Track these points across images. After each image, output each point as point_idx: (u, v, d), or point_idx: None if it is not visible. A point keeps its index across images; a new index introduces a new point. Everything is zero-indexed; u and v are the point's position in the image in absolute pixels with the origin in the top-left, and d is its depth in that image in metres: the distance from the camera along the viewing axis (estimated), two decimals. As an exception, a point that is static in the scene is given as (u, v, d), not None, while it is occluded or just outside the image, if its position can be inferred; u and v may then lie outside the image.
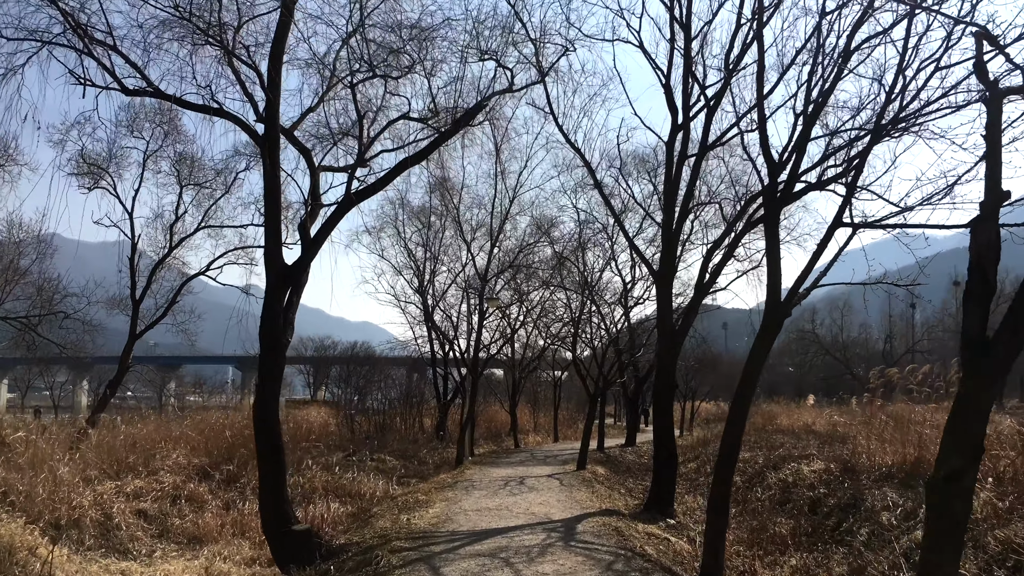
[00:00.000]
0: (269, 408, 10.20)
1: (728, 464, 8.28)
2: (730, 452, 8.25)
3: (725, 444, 8.28)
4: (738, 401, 8.31)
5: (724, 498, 8.19)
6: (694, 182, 14.40)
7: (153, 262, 22.88)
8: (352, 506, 16.11)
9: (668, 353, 13.97)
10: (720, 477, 8.29)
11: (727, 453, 8.27)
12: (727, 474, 8.30)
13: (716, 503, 8.14)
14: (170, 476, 15.86)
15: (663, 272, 14.30)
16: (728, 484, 8.33)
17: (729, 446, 8.22)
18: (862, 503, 12.96)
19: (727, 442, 8.25)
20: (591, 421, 22.74)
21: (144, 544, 12.62)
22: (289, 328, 10.82)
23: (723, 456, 8.30)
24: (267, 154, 10.27)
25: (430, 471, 22.39)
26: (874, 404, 16.11)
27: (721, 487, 8.21)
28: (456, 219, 26.31)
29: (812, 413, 35.77)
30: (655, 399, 14.54)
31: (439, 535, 10.46)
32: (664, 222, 14.35)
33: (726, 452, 8.28)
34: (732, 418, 8.36)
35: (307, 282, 11.56)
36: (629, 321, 30.87)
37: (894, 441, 15.04)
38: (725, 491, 8.21)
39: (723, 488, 8.20)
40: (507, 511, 12.74)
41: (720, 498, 8.15)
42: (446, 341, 30.34)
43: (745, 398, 8.31)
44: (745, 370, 8.26)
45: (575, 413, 45.64)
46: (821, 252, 7.92)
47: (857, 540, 11.52)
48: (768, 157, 8.11)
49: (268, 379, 10.20)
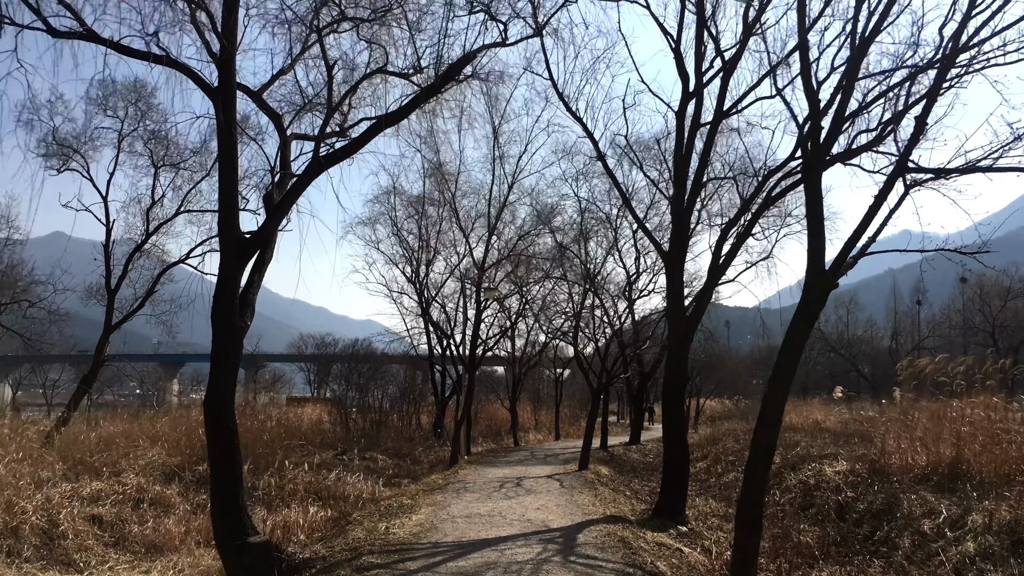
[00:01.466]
0: (223, 404, 8.84)
1: (761, 472, 6.89)
2: (763, 457, 6.86)
3: (758, 448, 6.88)
4: (773, 396, 6.88)
5: (756, 512, 6.78)
6: (708, 153, 13.02)
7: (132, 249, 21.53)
8: (334, 510, 14.79)
9: (680, 342, 12.59)
10: (752, 488, 6.87)
11: (760, 459, 6.87)
12: (759, 484, 6.89)
13: (747, 519, 6.73)
14: (135, 477, 14.52)
15: (674, 252, 12.90)
16: (761, 495, 6.93)
17: (762, 450, 6.83)
18: (897, 508, 11.60)
19: (760, 445, 6.85)
20: (594, 418, 21.37)
21: (95, 554, 11.27)
22: (248, 310, 9.47)
23: (755, 462, 6.90)
24: (221, 109, 8.91)
25: (423, 471, 21.09)
26: (904, 399, 14.68)
27: (753, 499, 6.79)
28: (453, 207, 24.93)
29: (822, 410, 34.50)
30: (665, 392, 13.17)
31: (419, 548, 9.10)
32: (674, 197, 12.97)
33: (759, 457, 6.88)
34: (765, 417, 6.94)
35: (271, 259, 10.22)
36: (633, 315, 29.60)
37: (927, 439, 13.68)
38: (757, 503, 6.80)
39: (755, 499, 6.79)
40: (500, 518, 11.38)
41: (752, 512, 6.74)
42: (443, 336, 28.99)
43: (781, 391, 6.90)
44: (780, 358, 6.85)
45: (577, 410, 44.35)
46: (877, 209, 6.55)
47: (897, 552, 10.16)
48: (811, 95, 6.73)
49: (221, 369, 8.84)
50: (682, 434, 12.89)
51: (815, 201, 6.65)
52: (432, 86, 9.88)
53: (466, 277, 26.41)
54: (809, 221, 6.70)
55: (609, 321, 25.72)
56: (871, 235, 6.79)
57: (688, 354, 13.36)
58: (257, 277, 9.88)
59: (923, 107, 6.39)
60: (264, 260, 10.06)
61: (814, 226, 6.62)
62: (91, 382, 21.19)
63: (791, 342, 6.74)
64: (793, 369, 6.90)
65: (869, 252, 6.93)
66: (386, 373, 34.04)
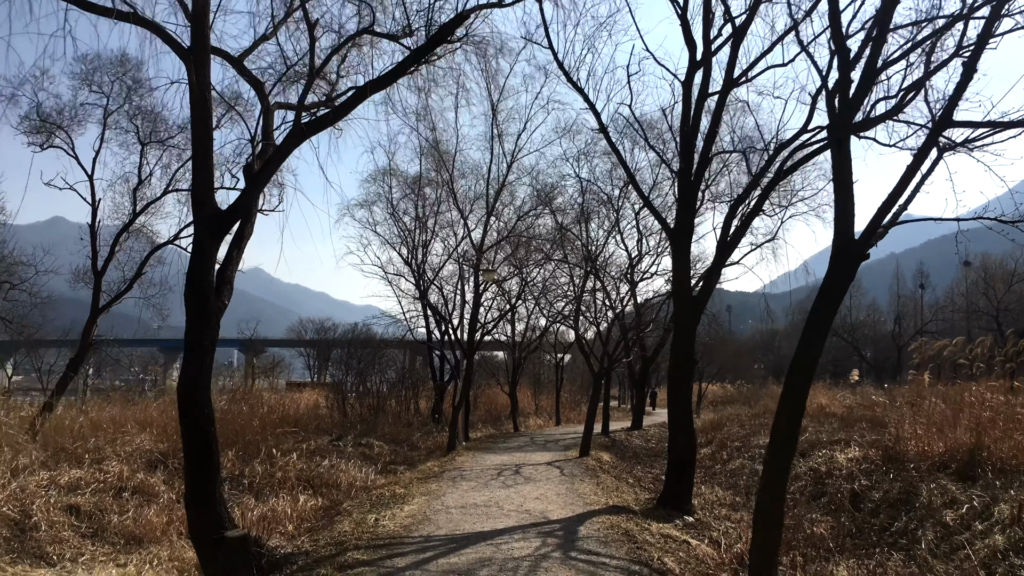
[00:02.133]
0: (198, 388, 8.21)
1: (782, 464, 6.23)
2: (784, 448, 6.20)
3: (779, 437, 6.22)
4: (796, 379, 6.20)
5: (776, 509, 6.13)
6: (716, 124, 12.30)
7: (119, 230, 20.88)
8: (325, 498, 14.23)
9: (687, 323, 11.94)
10: (771, 481, 6.22)
11: (780, 449, 6.21)
12: (780, 477, 6.23)
13: (766, 515, 6.09)
14: (117, 465, 13.93)
15: (680, 228, 12.22)
16: (782, 490, 6.27)
17: (784, 439, 6.18)
18: (916, 498, 11.01)
19: (781, 434, 6.19)
20: (595, 403, 20.79)
21: (70, 546, 10.66)
22: (226, 288, 8.83)
23: (775, 453, 6.24)
24: (194, 71, 8.24)
25: (421, 457, 20.54)
26: (920, 382, 14.06)
27: (773, 493, 6.14)
28: (450, 187, 24.21)
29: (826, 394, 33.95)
30: (671, 376, 12.56)
31: (409, 542, 8.51)
32: (681, 170, 12.28)
33: (779, 447, 6.21)
34: (788, 402, 6.26)
35: (252, 234, 9.57)
36: (635, 298, 28.97)
37: (945, 425, 13.08)
38: (778, 499, 6.15)
39: (775, 494, 6.14)
40: (497, 508, 10.79)
41: (771, 509, 6.10)
42: (441, 320, 28.35)
43: (804, 374, 6.24)
44: (805, 336, 6.18)
45: (578, 395, 43.86)
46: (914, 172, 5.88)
47: (919, 546, 9.57)
48: (840, 43, 6.04)
49: (195, 353, 8.21)
50: (689, 420, 12.27)
51: (843, 165, 5.99)
52: (422, 48, 9.20)
53: (464, 259, 25.77)
54: (836, 188, 6.03)
55: (611, 304, 25.07)
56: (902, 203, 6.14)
57: (695, 336, 12.73)
58: (236, 253, 9.25)
59: (972, 52, 5.71)
60: (243, 235, 9.43)
61: (842, 193, 5.96)
62: (78, 367, 20.61)
63: (817, 320, 6.09)
64: (819, 350, 6.26)
65: (901, 221, 6.28)
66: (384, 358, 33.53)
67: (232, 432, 17.38)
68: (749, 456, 17.48)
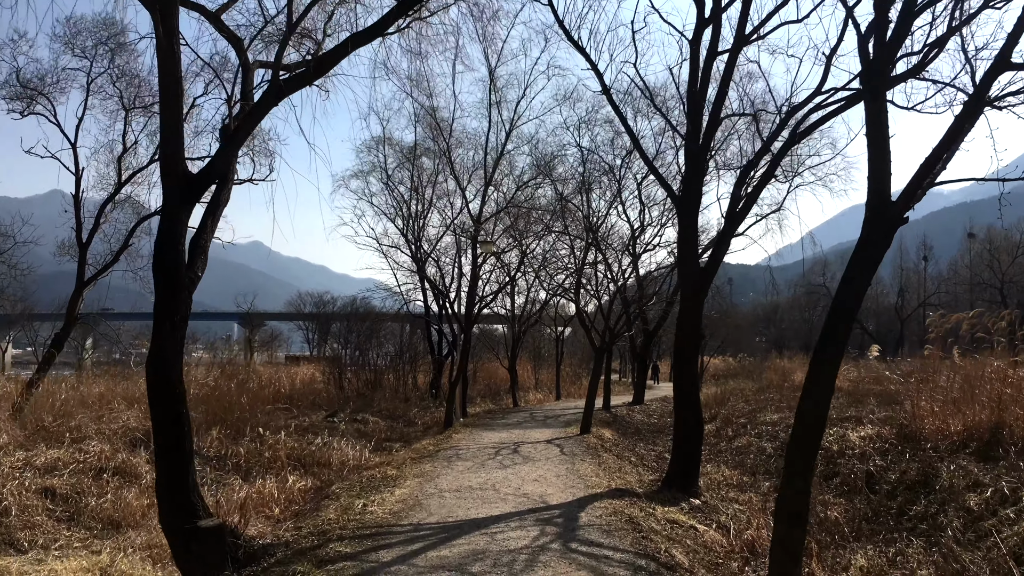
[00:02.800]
0: (168, 366, 7.57)
1: (807, 452, 5.55)
2: (810, 435, 5.51)
3: (804, 423, 5.53)
4: (825, 355, 5.48)
5: (800, 502, 5.46)
6: (726, 85, 11.53)
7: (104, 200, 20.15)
8: (316, 479, 13.72)
9: (694, 295, 11.28)
10: (795, 471, 5.54)
11: (806, 436, 5.51)
12: (805, 467, 5.56)
13: (789, 508, 5.43)
14: (99, 444, 13.37)
15: (687, 195, 11.52)
16: (807, 481, 5.58)
17: (810, 425, 5.49)
18: (935, 480, 10.42)
19: (807, 419, 5.50)
20: (596, 378, 20.20)
21: (43, 532, 10.16)
22: (199, 259, 8.17)
23: (800, 439, 5.54)
24: (160, 19, 7.50)
25: (417, 433, 20.05)
26: (936, 356, 13.42)
27: (797, 485, 5.48)
28: (448, 157, 23.41)
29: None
30: (677, 350, 11.92)
31: (397, 531, 7.92)
32: (688, 134, 11.54)
33: (805, 434, 5.52)
34: (816, 382, 5.55)
35: (228, 200, 8.89)
36: (637, 271, 28.31)
37: (963, 402, 12.47)
38: (802, 492, 5.48)
39: (799, 486, 5.47)
40: (493, 491, 10.21)
41: (795, 501, 5.44)
42: (439, 294, 27.71)
43: (836, 350, 5.55)
44: (836, 308, 5.47)
45: (578, 368, 43.35)
46: (963, 125, 5.17)
47: (941, 532, 8.99)
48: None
49: (165, 326, 7.56)
50: (696, 398, 11.65)
51: (878, 118, 5.30)
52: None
53: (463, 231, 25.06)
54: (871, 144, 5.34)
55: (612, 277, 24.40)
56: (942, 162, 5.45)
57: (702, 309, 12.07)
58: (211, 221, 8.57)
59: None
60: (219, 200, 8.74)
61: (877, 150, 5.27)
62: (62, 342, 19.98)
63: (849, 291, 5.41)
64: (851, 324, 5.59)
65: (941, 182, 5.60)
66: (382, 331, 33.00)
67: (221, 409, 16.85)
68: (756, 433, 16.91)
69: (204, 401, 17.15)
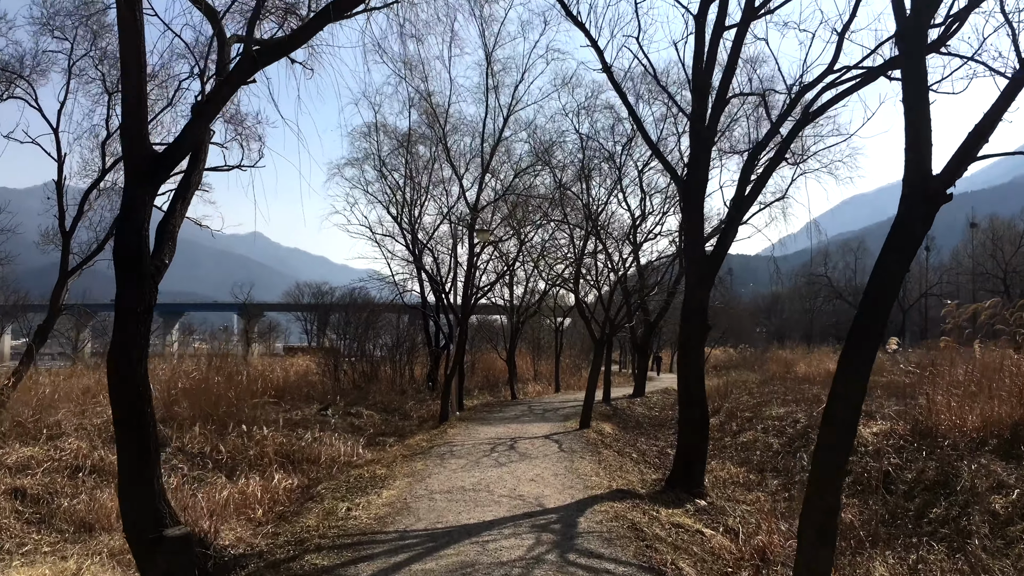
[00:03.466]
0: (130, 361, 6.94)
1: (837, 461, 4.88)
2: (840, 442, 4.80)
3: (834, 428, 4.82)
4: (858, 351, 4.74)
5: (829, 518, 4.78)
6: (734, 61, 10.87)
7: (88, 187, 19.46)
8: (305, 476, 13.11)
9: (700, 284, 10.65)
10: (823, 483, 4.85)
11: (836, 443, 4.80)
12: (833, 479, 4.88)
13: (816, 525, 4.76)
14: (76, 441, 12.78)
15: (693, 178, 10.88)
16: (837, 495, 4.90)
17: (841, 431, 4.80)
18: (956, 480, 9.82)
19: (837, 424, 4.79)
20: (596, 371, 19.58)
21: (12, 536, 9.57)
22: (166, 245, 7.54)
23: (828, 447, 4.83)
24: (118, -16, 6.85)
25: (412, 427, 19.43)
26: (952, 348, 12.81)
27: (825, 500, 4.80)
28: (444, 144, 22.75)
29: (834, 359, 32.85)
30: (682, 343, 11.30)
31: (381, 540, 7.32)
32: (694, 113, 10.89)
33: (834, 442, 4.79)
34: (847, 380, 4.81)
35: (200, 181, 8.26)
36: (638, 260, 27.69)
37: (981, 396, 11.88)
38: (832, 508, 4.79)
39: (828, 501, 4.79)
40: (487, 493, 9.61)
41: (823, 517, 4.76)
42: (436, 284, 27.07)
43: (870, 344, 4.86)
44: (870, 297, 4.79)
45: (578, 360, 42.75)
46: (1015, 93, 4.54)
47: (965, 538, 8.40)
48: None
49: (127, 319, 6.94)
50: (701, 393, 11.02)
51: (917, 79, 4.67)
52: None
53: (460, 221, 24.43)
54: (909, 111, 4.70)
55: (613, 267, 23.76)
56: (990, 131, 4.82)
57: (709, 298, 11.45)
58: (180, 205, 7.95)
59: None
60: (190, 182, 8.13)
61: (916, 116, 4.64)
62: (46, 333, 19.36)
63: (885, 277, 4.76)
64: (887, 313, 4.95)
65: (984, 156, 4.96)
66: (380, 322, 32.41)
67: (207, 403, 16.25)
68: (762, 428, 16.32)
69: (189, 395, 16.55)
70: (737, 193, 11.39)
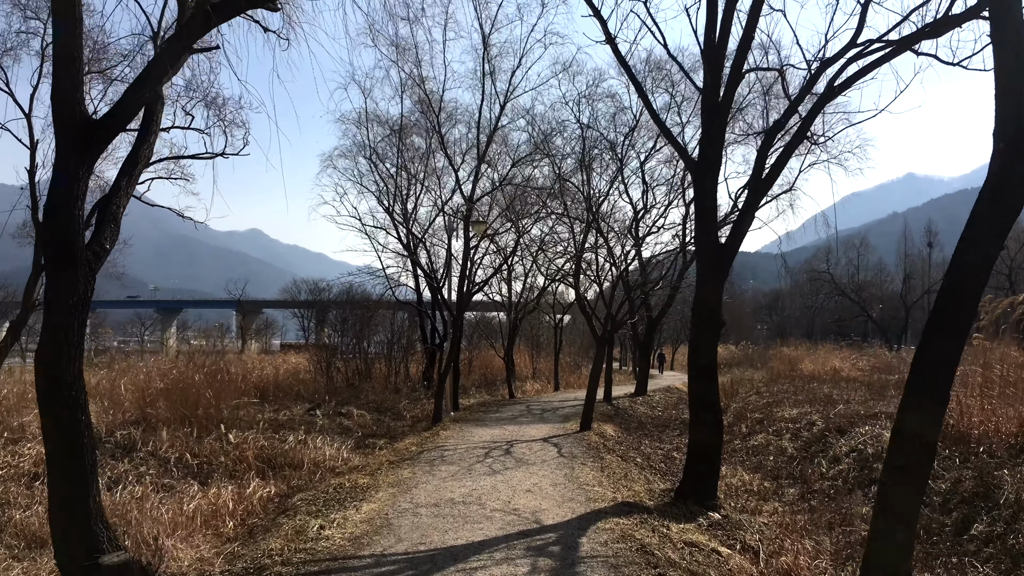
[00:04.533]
0: (61, 361, 5.99)
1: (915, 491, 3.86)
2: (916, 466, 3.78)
3: (907, 448, 3.78)
4: (941, 348, 3.72)
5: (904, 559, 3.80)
6: (751, 32, 9.89)
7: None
8: (285, 483, 12.14)
9: (712, 275, 9.69)
10: (893, 514, 3.82)
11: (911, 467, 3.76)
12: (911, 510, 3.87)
13: (888, 568, 3.79)
14: (36, 446, 11.84)
15: (705, 158, 9.90)
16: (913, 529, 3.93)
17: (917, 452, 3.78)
18: (997, 492, 8.87)
19: (912, 442, 3.77)
20: (598, 370, 18.60)
21: (-44, 550, 8.62)
22: (107, 228, 6.60)
23: (900, 470, 3.80)
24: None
25: (404, 428, 18.48)
26: (986, 347, 11.85)
27: (899, 538, 3.78)
28: (438, 133, 21.74)
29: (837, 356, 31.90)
30: (693, 341, 10.34)
31: (352, 566, 6.36)
32: (707, 88, 9.91)
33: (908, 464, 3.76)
34: (923, 388, 3.80)
35: (150, 157, 7.30)
36: (640, 255, 26.74)
37: (1017, 398, 10.95)
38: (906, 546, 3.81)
39: (902, 539, 3.79)
40: (478, 506, 8.65)
41: (897, 559, 3.79)
42: (431, 280, 26.07)
43: (955, 341, 3.85)
44: (955, 278, 3.82)
45: (578, 358, 41.80)
46: None
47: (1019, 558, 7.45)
48: None
49: (57, 312, 5.99)
50: (715, 396, 10.02)
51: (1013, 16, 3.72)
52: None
53: (456, 213, 23.45)
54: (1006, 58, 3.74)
55: (614, 261, 22.80)
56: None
57: (722, 292, 10.48)
58: (126, 182, 7.01)
59: None
60: (138, 158, 7.17)
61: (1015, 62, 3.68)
62: (19, 331, 18.47)
63: (974, 257, 3.81)
64: (976, 302, 4.00)
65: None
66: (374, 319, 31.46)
67: (185, 404, 15.29)
68: (774, 431, 15.37)
69: (167, 395, 15.60)
70: (753, 176, 10.42)
